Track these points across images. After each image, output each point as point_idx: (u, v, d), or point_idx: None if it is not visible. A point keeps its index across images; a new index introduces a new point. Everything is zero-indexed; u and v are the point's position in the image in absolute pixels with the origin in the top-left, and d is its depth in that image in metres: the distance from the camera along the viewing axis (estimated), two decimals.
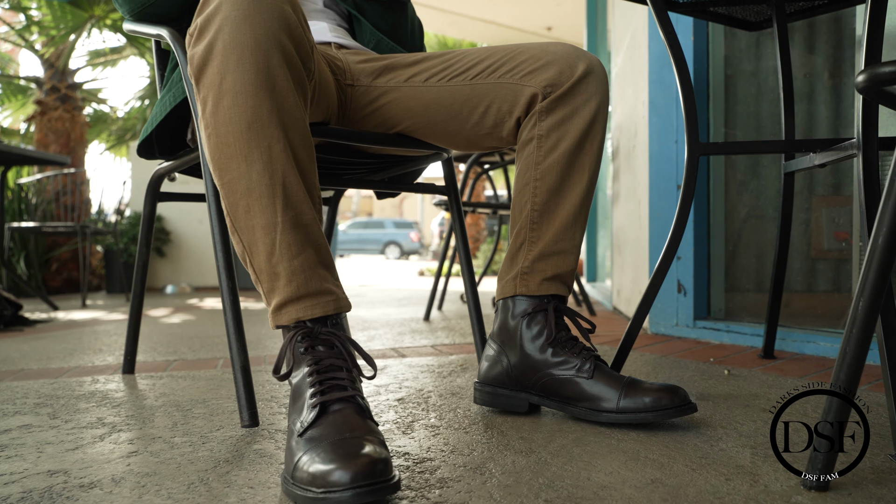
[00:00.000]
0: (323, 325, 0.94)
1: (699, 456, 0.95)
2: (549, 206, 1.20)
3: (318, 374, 0.91)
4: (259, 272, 0.95)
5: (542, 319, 1.17)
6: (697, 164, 1.32)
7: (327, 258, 0.97)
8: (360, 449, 0.79)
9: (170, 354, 1.95)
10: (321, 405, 0.88)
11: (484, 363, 1.23)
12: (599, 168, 1.22)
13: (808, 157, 1.33)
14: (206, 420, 1.17)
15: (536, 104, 1.20)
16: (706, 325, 1.99)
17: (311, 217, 0.95)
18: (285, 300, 0.93)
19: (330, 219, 1.81)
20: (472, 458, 0.95)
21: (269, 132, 0.90)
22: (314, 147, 0.99)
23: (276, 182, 0.91)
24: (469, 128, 1.28)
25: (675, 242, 1.33)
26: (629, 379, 1.10)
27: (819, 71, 2.13)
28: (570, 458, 0.95)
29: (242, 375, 1.11)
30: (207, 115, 0.91)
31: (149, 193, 1.48)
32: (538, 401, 1.17)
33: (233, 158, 0.91)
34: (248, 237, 0.94)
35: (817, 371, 1.53)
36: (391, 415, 1.20)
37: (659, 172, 2.11)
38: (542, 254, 1.19)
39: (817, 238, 2.17)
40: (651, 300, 1.36)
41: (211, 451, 0.99)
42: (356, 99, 1.33)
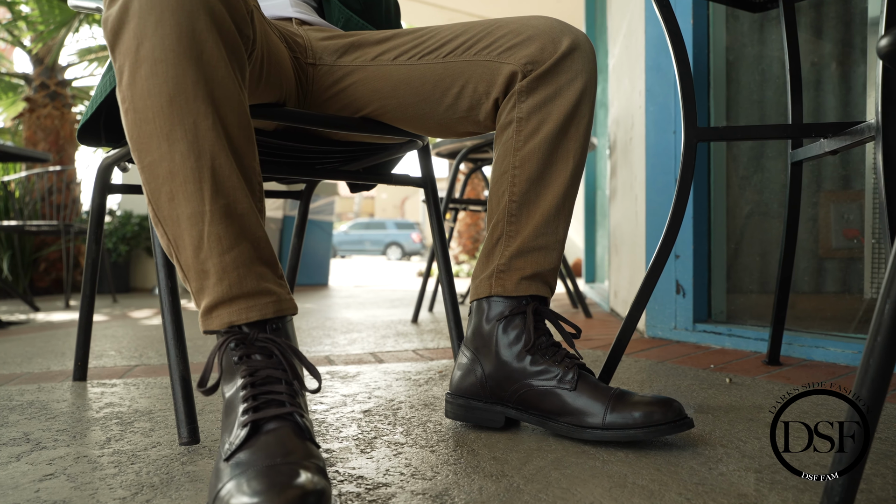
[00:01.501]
0: (260, 331, 0.82)
1: (695, 482, 0.82)
2: (529, 197, 1.07)
3: (253, 387, 0.78)
4: (186, 269, 0.82)
5: (520, 323, 1.04)
6: (695, 152, 1.19)
7: (267, 254, 0.84)
8: (293, 478, 0.66)
9: (133, 359, 1.82)
10: (252, 424, 0.75)
11: (457, 372, 1.10)
12: (586, 155, 1.10)
13: (818, 144, 1.20)
14: (143, 436, 1.05)
15: (516, 83, 1.08)
16: (706, 329, 1.86)
17: (247, 206, 0.82)
18: (216, 301, 0.81)
19: (301, 214, 1.68)
20: (433, 484, 0.83)
21: (194, 107, 0.78)
22: (253, 128, 0.87)
23: (203, 165, 0.78)
24: (442, 111, 1.16)
25: (672, 238, 1.20)
26: (617, 391, 0.98)
27: (826, 58, 2.00)
28: (547, 483, 0.82)
29: (181, 386, 0.98)
30: (124, 87, 0.79)
31: (97, 185, 1.36)
32: (516, 415, 1.04)
33: (153, 137, 0.78)
34: (172, 229, 0.81)
35: (827, 379, 1.40)
36: (353, 429, 1.07)
37: (656, 165, 1.98)
38: (520, 250, 1.07)
39: (825, 236, 2.04)
40: (645, 300, 1.23)
41: (137, 474, 0.87)
42: (318, 79, 1.21)
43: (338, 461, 0.92)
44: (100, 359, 1.83)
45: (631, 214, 2.36)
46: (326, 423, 1.11)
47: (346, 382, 1.45)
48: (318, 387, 0.81)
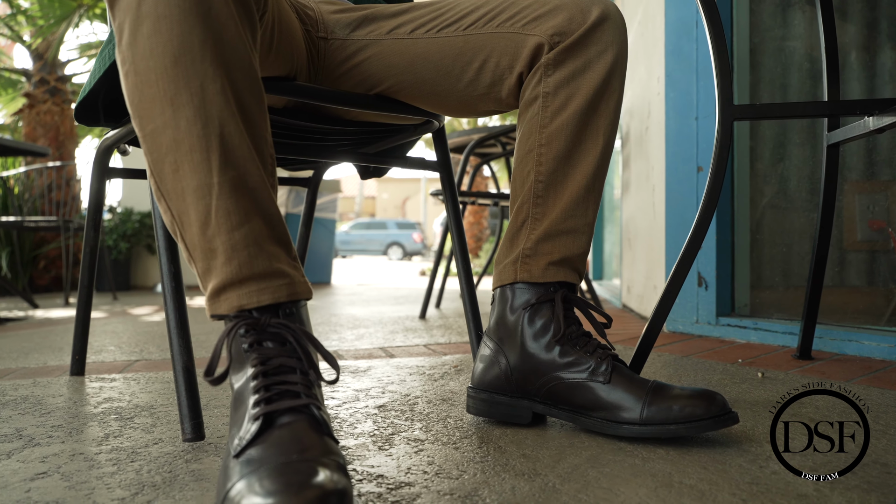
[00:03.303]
0: (273, 316, 0.75)
1: (748, 481, 0.75)
2: (556, 177, 1.00)
3: (265, 376, 0.71)
4: (192, 248, 0.75)
5: (548, 312, 0.97)
6: (732, 132, 1.12)
7: (280, 232, 0.77)
8: (311, 477, 0.59)
9: (134, 354, 1.75)
10: (265, 417, 0.68)
11: (479, 365, 1.03)
12: (616, 133, 1.03)
13: (861, 123, 1.13)
14: (145, 432, 0.98)
15: (542, 56, 1.01)
16: (730, 322, 1.79)
17: (259, 179, 0.75)
18: (224, 283, 0.74)
19: (309, 203, 1.61)
20: (461, 483, 0.76)
21: (201, 68, 0.71)
22: (264, 94, 0.80)
23: (210, 133, 0.71)
24: (462, 87, 1.09)
25: (705, 224, 1.13)
26: (655, 383, 0.91)
27: (849, 44, 1.93)
28: (586, 483, 0.75)
29: (185, 378, 0.91)
30: (124, 46, 0.72)
31: (95, 168, 1.29)
32: (543, 410, 0.97)
33: (155, 102, 0.71)
34: (176, 203, 0.74)
35: (864, 374, 1.33)
36: (368, 425, 1.00)
37: (676, 153, 1.91)
38: (547, 233, 0.99)
39: (849, 227, 1.97)
40: (675, 292, 1.16)
41: (137, 473, 0.80)
42: (331, 55, 1.14)
43: (354, 459, 0.85)
44: (99, 354, 1.76)
45: (647, 206, 2.29)
46: (339, 419, 1.04)
47: (358, 377, 1.38)
48: (336, 377, 0.74)
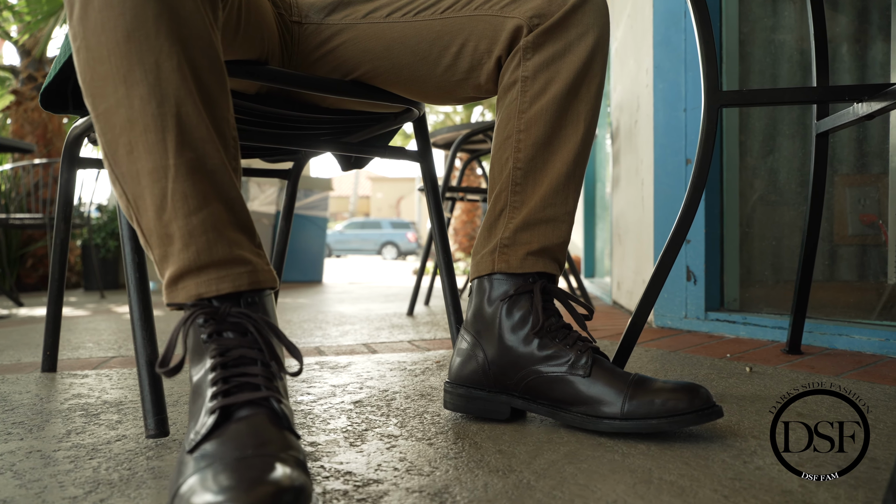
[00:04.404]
0: (234, 305, 0.71)
1: (730, 477, 0.72)
2: (535, 164, 0.97)
3: (223, 368, 0.68)
4: (148, 233, 0.72)
5: (527, 303, 0.94)
6: (717, 119, 1.09)
7: (243, 218, 0.74)
8: (266, 473, 0.56)
9: (111, 350, 1.71)
10: (222, 410, 0.65)
11: (456, 359, 1.00)
12: (597, 119, 1.00)
13: (850, 110, 1.10)
14: (109, 428, 0.94)
15: (521, 39, 0.98)
16: (719, 317, 1.76)
17: (219, 162, 0.71)
18: (181, 270, 0.70)
19: (289, 195, 1.57)
20: (432, 480, 0.72)
21: (155, 44, 0.67)
22: (227, 74, 0.76)
23: (166, 112, 0.68)
24: (440, 72, 1.06)
25: (690, 214, 1.10)
26: (636, 377, 0.87)
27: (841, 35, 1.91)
28: (562, 479, 0.72)
29: (148, 372, 0.88)
30: (75, 21, 0.68)
31: (65, 158, 1.25)
32: (522, 405, 0.94)
33: (108, 79, 0.68)
34: (132, 187, 0.71)
35: (854, 368, 1.30)
36: (342, 421, 0.97)
37: (665, 146, 1.88)
38: (526, 222, 0.96)
39: (840, 222, 1.94)
40: (660, 284, 1.13)
41: (95, 470, 0.76)
42: (305, 40, 1.11)
43: (323, 455, 0.81)
44: (76, 350, 1.72)
45: (636, 201, 2.26)
46: (313, 415, 1.01)
47: (337, 373, 1.34)
48: (299, 369, 0.71)
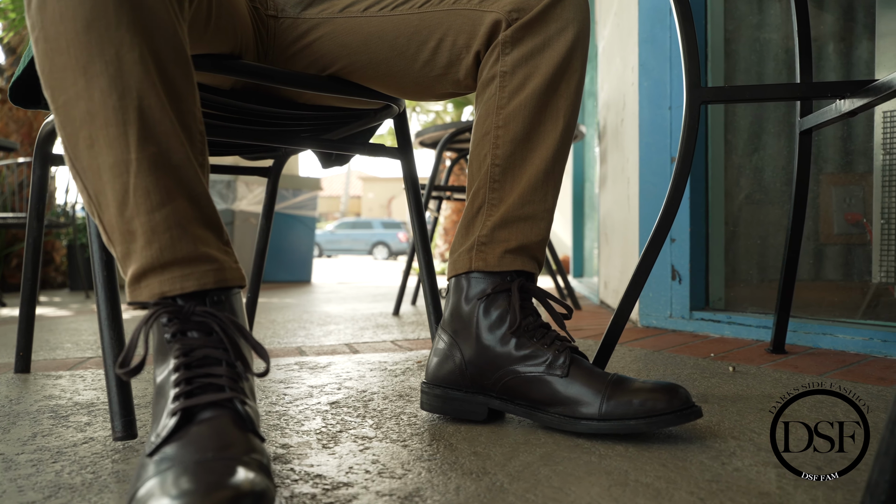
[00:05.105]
0: (199, 304, 0.69)
1: (708, 479, 0.70)
2: (514, 160, 0.95)
3: (187, 369, 0.66)
4: (110, 230, 0.69)
5: (505, 302, 0.92)
6: (699, 115, 1.07)
7: (209, 214, 0.72)
8: (226, 477, 0.54)
9: (89, 351, 1.69)
10: (184, 412, 0.63)
11: (433, 359, 0.98)
12: (577, 115, 0.98)
13: (833, 107, 1.09)
14: (77, 430, 0.92)
15: (499, 34, 0.96)
16: (704, 317, 1.75)
17: (184, 157, 0.69)
18: (144, 268, 0.68)
19: (269, 195, 1.55)
20: (403, 483, 0.70)
21: (116, 35, 0.65)
22: (193, 67, 0.74)
23: (127, 105, 0.66)
24: (418, 68, 1.04)
25: (672, 211, 1.09)
26: (615, 377, 0.86)
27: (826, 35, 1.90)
28: (536, 481, 0.70)
29: (115, 373, 0.86)
30: (33, 10, 0.66)
31: (37, 155, 1.22)
32: (500, 406, 0.92)
33: (67, 71, 0.66)
34: (93, 182, 0.68)
35: (838, 367, 1.29)
36: (316, 423, 0.95)
37: (650, 144, 1.87)
38: (504, 219, 0.95)
39: (826, 221, 1.94)
40: (642, 282, 1.12)
41: (57, 474, 0.74)
42: (281, 34, 1.09)
43: (294, 458, 0.79)
44: (53, 351, 1.69)
45: (623, 200, 2.25)
46: (287, 416, 0.99)
47: (316, 373, 1.32)
48: (266, 369, 0.69)
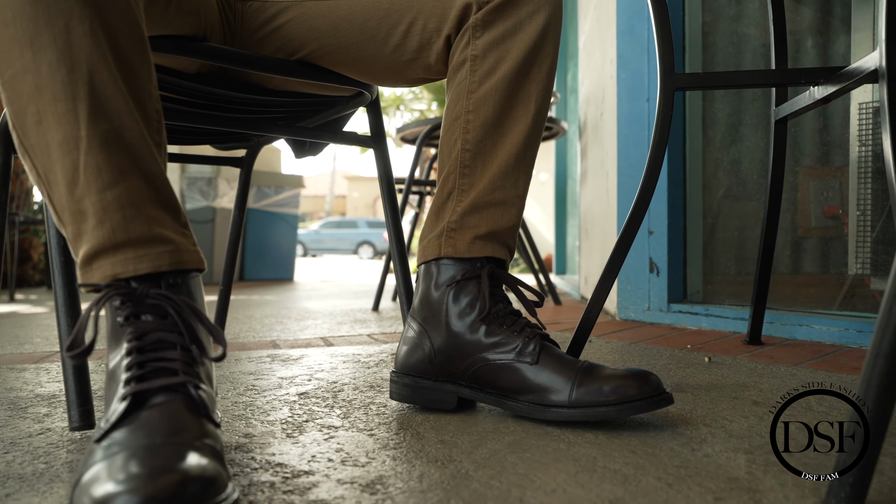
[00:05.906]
0: (153, 286, 0.67)
1: (676, 465, 0.69)
2: (484, 145, 0.94)
3: (140, 353, 0.64)
4: (60, 209, 0.67)
5: (474, 289, 0.91)
6: (672, 103, 1.06)
7: (165, 195, 0.70)
8: (174, 461, 0.52)
9: (58, 345, 1.65)
10: (134, 396, 0.61)
11: (402, 347, 0.96)
12: (549, 101, 0.97)
13: (806, 95, 1.08)
14: (35, 422, 0.89)
15: (470, 17, 0.94)
16: (682, 309, 1.75)
17: (138, 135, 0.67)
18: (96, 249, 0.66)
19: (242, 185, 1.53)
20: (366, 471, 0.69)
21: (65, 6, 0.63)
22: (148, 43, 0.72)
23: (77, 79, 0.64)
24: (389, 52, 1.02)
25: (646, 198, 1.08)
26: (585, 364, 0.85)
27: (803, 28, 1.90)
28: (502, 468, 0.69)
29: (63, 355, 0.83)
30: None
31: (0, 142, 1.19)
32: (469, 394, 0.90)
33: (14, 44, 0.63)
34: (41, 159, 0.66)
35: (813, 358, 1.29)
36: (283, 413, 0.93)
37: (628, 136, 1.86)
38: (474, 205, 0.93)
39: (803, 214, 1.94)
40: (616, 270, 1.10)
41: (9, 465, 0.72)
42: (249, 17, 1.07)
43: (256, 447, 0.77)
44: (21, 346, 1.65)
45: (602, 194, 2.24)
46: (254, 407, 0.96)
47: (287, 365, 1.30)
48: (222, 353, 0.67)
